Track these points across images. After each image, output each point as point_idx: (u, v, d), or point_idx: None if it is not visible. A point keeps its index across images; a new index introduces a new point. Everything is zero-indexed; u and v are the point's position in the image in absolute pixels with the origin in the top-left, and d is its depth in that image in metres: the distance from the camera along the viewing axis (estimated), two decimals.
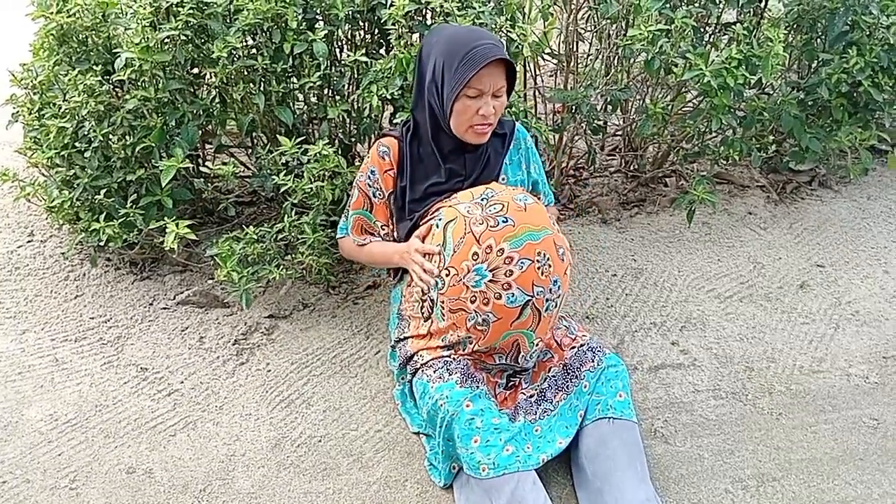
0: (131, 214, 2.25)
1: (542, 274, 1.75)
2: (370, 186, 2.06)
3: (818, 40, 2.73)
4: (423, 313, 1.95)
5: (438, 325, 1.91)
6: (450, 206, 1.87)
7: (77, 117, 2.26)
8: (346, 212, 2.13)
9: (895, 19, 2.53)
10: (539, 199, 2.08)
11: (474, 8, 2.16)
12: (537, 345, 1.89)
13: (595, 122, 2.71)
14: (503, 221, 1.76)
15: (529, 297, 1.77)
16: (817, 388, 2.19)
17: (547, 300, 1.79)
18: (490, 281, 1.75)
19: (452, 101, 1.85)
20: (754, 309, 2.49)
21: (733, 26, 2.44)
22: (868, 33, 2.58)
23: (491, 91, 1.86)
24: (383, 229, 2.09)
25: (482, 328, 1.82)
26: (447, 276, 1.81)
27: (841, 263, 2.72)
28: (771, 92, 2.88)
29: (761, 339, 2.36)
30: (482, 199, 1.82)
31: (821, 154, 2.79)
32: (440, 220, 1.86)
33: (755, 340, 2.35)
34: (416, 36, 2.25)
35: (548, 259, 1.76)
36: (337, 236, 2.18)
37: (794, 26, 2.73)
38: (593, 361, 1.89)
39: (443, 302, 1.85)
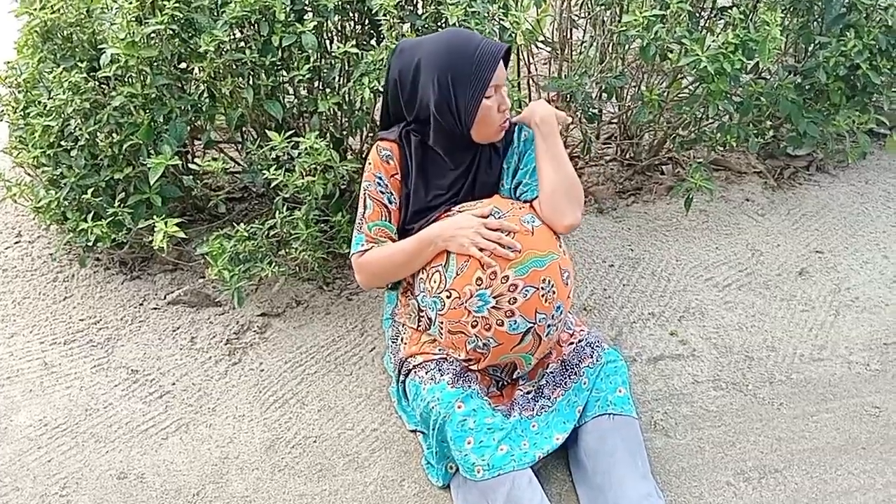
0: (120, 214, 2.21)
1: (546, 301, 1.71)
2: (383, 193, 1.89)
3: (815, 23, 2.68)
4: (419, 325, 1.91)
5: (437, 340, 1.87)
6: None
7: (63, 115, 2.22)
8: (358, 226, 1.91)
9: (893, 1, 2.49)
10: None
11: None
12: (533, 363, 1.86)
13: (590, 110, 2.67)
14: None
15: (532, 325, 1.73)
16: (818, 376, 2.16)
17: (549, 326, 1.76)
18: (493, 307, 1.71)
19: (473, 105, 1.77)
20: (753, 297, 2.46)
21: (729, 10, 2.40)
22: (866, 15, 2.54)
23: (500, 84, 1.81)
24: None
25: (482, 351, 1.78)
26: (448, 297, 1.76)
27: (840, 249, 2.69)
28: (767, 76, 2.84)
29: (761, 327, 2.33)
30: (490, 215, 1.77)
31: (819, 138, 2.76)
32: None
33: (755, 329, 2.32)
34: (406, 26, 2.20)
35: (552, 286, 1.72)
36: (352, 253, 1.91)
37: (791, 9, 2.69)
38: (592, 357, 1.86)
39: (441, 323, 1.81)
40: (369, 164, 1.92)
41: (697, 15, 2.60)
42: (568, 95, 2.61)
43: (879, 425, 2.00)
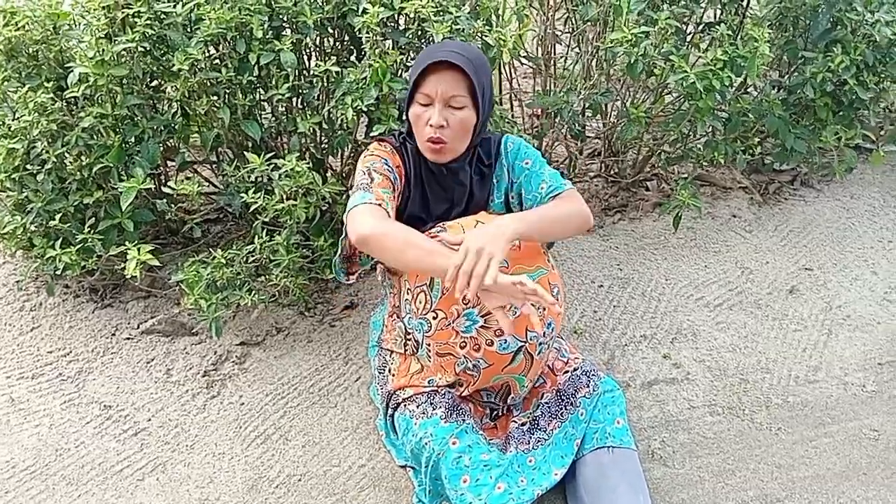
0: (89, 240, 2.10)
1: (536, 318, 1.64)
2: (390, 172, 1.73)
3: (800, 38, 2.66)
4: (405, 350, 1.83)
5: (425, 365, 1.79)
6: (439, 241, 1.71)
7: (28, 137, 2.12)
8: (365, 187, 1.67)
9: (880, 16, 2.47)
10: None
11: (451, 13, 2.05)
12: (528, 386, 1.79)
13: (576, 127, 2.62)
14: None
15: (522, 344, 1.66)
16: (814, 398, 2.12)
17: (540, 344, 1.69)
18: (482, 327, 1.64)
19: (407, 109, 1.71)
20: (745, 317, 2.41)
21: (716, 26, 2.36)
22: (852, 30, 2.52)
23: (441, 98, 1.65)
24: None
25: (472, 373, 1.71)
26: (434, 318, 1.68)
27: (829, 266, 2.67)
28: (754, 92, 2.81)
29: (754, 348, 2.29)
30: None
31: (805, 154, 2.73)
32: None
33: (748, 350, 2.28)
34: (388, 43, 2.13)
35: (537, 306, 1.65)
36: (352, 206, 1.64)
37: (777, 24, 2.66)
38: (588, 387, 1.79)
39: (429, 345, 1.73)
40: (370, 151, 1.78)
41: (683, 31, 2.56)
42: (554, 112, 2.56)
43: (879, 449, 1.96)
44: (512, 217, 1.62)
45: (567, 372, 1.85)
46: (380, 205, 1.63)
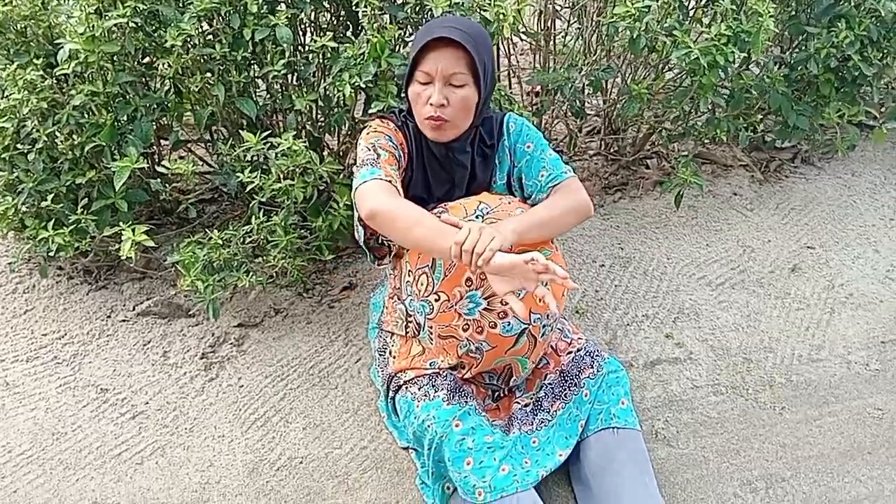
0: (82, 220, 2.06)
1: (540, 300, 1.62)
2: (395, 149, 1.69)
3: (804, 14, 2.62)
4: (406, 331, 1.80)
5: (426, 347, 1.76)
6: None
7: (18, 116, 2.06)
8: (372, 162, 1.64)
9: None
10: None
11: None
12: (531, 368, 1.76)
13: (576, 104, 2.58)
14: None
15: (526, 326, 1.63)
16: (818, 378, 2.11)
17: (544, 326, 1.66)
18: (485, 309, 1.61)
19: (406, 87, 1.67)
20: (747, 296, 2.39)
21: (720, 1, 2.32)
22: (856, 4, 2.48)
23: (441, 76, 1.61)
24: None
25: (475, 356, 1.68)
26: (437, 301, 1.65)
27: (831, 244, 2.65)
28: (756, 69, 2.77)
29: (757, 327, 2.27)
30: (476, 217, 1.64)
31: (807, 131, 2.70)
32: None
33: (751, 329, 2.26)
34: (386, 18, 2.08)
35: (546, 284, 1.62)
36: (361, 181, 1.60)
37: None
38: (592, 367, 1.77)
39: (431, 328, 1.70)
40: (373, 128, 1.73)
41: (686, 5, 2.51)
42: (554, 89, 2.51)
43: (883, 428, 1.95)
44: (508, 229, 1.56)
45: (570, 353, 1.83)
46: (389, 181, 1.60)
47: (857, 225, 2.75)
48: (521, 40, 2.90)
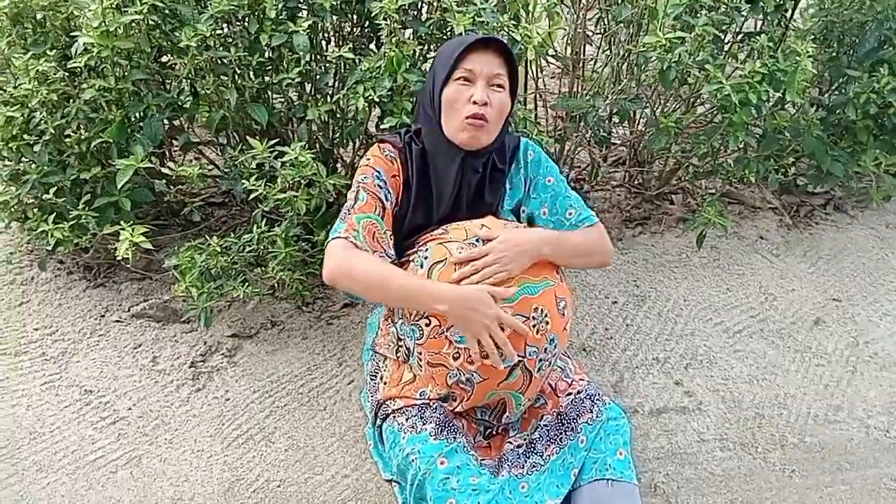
0: (83, 216, 2.02)
1: (538, 332, 1.53)
2: (380, 188, 1.66)
3: (845, 56, 2.51)
4: (398, 356, 1.72)
5: (416, 374, 1.68)
6: (439, 244, 1.61)
7: (28, 106, 2.03)
8: (343, 215, 1.65)
9: None
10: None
11: (475, 4, 1.93)
12: (525, 405, 1.67)
13: (601, 133, 2.49)
14: None
15: (521, 358, 1.54)
16: (833, 440, 1.99)
17: (540, 360, 1.57)
18: None
19: (441, 88, 1.61)
20: (765, 346, 2.28)
21: (757, 37, 2.22)
22: None
23: (485, 76, 1.60)
24: (391, 248, 1.67)
25: (465, 387, 1.60)
26: (427, 325, 1.57)
27: (858, 298, 2.52)
28: (791, 109, 2.67)
29: (772, 381, 2.16)
30: (477, 241, 1.58)
31: (841, 178, 2.59)
32: (425, 257, 1.61)
33: (766, 383, 2.15)
34: (408, 32, 2.02)
35: (545, 316, 1.53)
36: (329, 238, 1.63)
37: (821, 39, 2.52)
38: (591, 412, 1.67)
39: (420, 353, 1.62)
40: (367, 159, 1.71)
41: (721, 39, 2.42)
42: (579, 116, 2.43)
43: None
44: (543, 238, 1.61)
45: (570, 394, 1.73)
46: (348, 238, 1.60)
47: (887, 280, 2.62)
48: (549, 64, 2.83)
